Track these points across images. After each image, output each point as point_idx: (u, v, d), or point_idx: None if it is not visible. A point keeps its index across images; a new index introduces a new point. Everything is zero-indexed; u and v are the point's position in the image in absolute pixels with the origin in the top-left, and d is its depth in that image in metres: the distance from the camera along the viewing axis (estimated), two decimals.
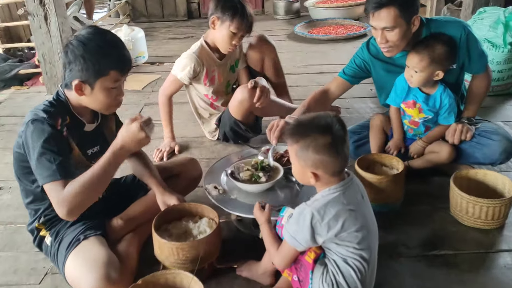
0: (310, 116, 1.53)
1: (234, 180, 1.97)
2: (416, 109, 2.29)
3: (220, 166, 2.18)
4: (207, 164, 2.62)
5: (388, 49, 2.18)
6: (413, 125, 2.34)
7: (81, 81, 1.66)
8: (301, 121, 1.54)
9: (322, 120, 1.49)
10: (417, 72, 2.15)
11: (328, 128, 1.46)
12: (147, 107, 3.56)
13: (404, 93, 2.28)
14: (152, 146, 2.82)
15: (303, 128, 1.50)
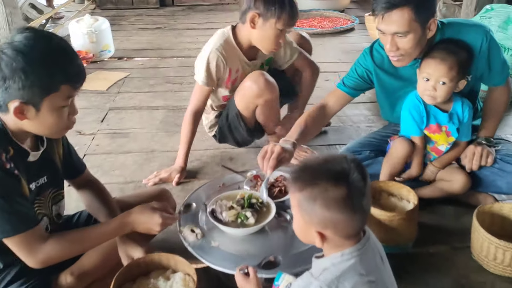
0: (321, 159, 1.16)
1: (216, 221, 1.59)
2: (443, 133, 1.94)
3: (198, 197, 1.80)
4: (182, 188, 2.23)
5: (398, 58, 1.83)
6: (435, 152, 2.00)
7: (22, 102, 1.27)
8: (308, 164, 1.17)
9: (336, 164, 1.12)
10: (445, 83, 1.80)
11: (343, 176, 1.09)
12: (113, 112, 3.11)
13: (423, 117, 1.93)
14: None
15: (311, 173, 1.13)
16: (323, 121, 2.09)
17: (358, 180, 1.09)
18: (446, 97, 1.84)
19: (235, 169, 2.36)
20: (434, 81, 1.81)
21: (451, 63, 1.77)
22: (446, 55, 1.79)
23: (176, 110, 3.10)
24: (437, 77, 1.80)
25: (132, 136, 2.77)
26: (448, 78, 1.79)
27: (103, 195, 1.64)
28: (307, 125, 1.95)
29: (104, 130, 2.85)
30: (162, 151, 2.59)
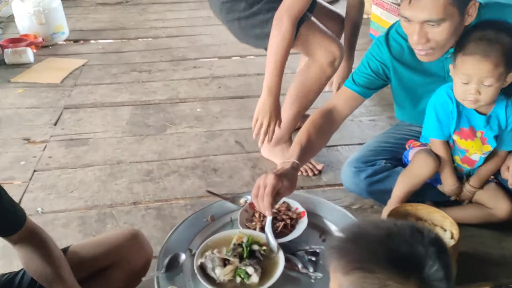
0: (382, 228, 0.75)
1: (207, 283, 1.19)
2: (477, 140, 1.56)
3: (180, 240, 1.38)
4: (158, 215, 1.80)
5: (427, 51, 1.43)
6: (467, 164, 1.63)
7: None
8: (362, 234, 0.76)
9: (405, 244, 0.72)
10: (490, 85, 1.41)
11: (415, 267, 0.70)
12: (68, 112, 2.60)
13: (453, 119, 1.55)
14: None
15: (365, 251, 0.73)
16: (330, 129, 1.67)
17: (438, 277, 0.70)
18: (492, 99, 1.47)
19: (223, 184, 1.95)
20: (476, 83, 1.42)
21: (496, 58, 1.38)
22: (488, 48, 1.39)
23: (145, 107, 2.63)
24: (480, 78, 1.40)
25: (92, 143, 2.30)
26: (495, 77, 1.40)
27: (46, 251, 1.18)
28: (310, 138, 1.53)
29: (58, 136, 2.36)
30: (131, 163, 2.13)
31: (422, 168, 1.58)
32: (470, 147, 1.59)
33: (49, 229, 1.71)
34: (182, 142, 2.27)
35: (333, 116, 1.65)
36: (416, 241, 0.71)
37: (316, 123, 1.59)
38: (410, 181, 1.61)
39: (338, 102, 1.66)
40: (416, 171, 1.60)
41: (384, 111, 2.57)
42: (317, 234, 1.42)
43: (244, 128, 2.39)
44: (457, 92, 1.48)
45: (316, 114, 1.63)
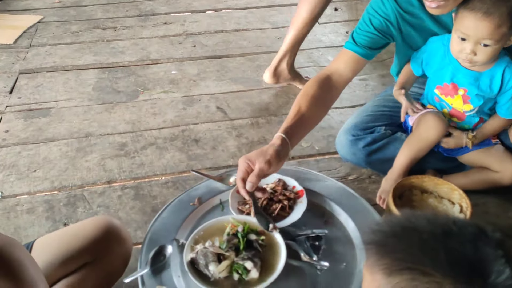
0: (438, 225, 0.61)
1: (200, 282, 1.04)
2: (459, 97, 1.45)
3: (165, 228, 1.21)
4: (136, 195, 1.61)
5: (439, 3, 1.26)
6: (456, 117, 1.51)
7: None
8: (410, 230, 0.62)
9: (468, 243, 0.58)
10: (489, 45, 1.28)
11: (480, 272, 0.56)
12: (25, 77, 2.30)
13: (440, 69, 1.44)
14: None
15: (416, 250, 0.59)
16: (328, 97, 1.47)
17: (507, 285, 0.56)
18: (488, 61, 1.34)
19: (206, 157, 1.77)
20: (473, 43, 1.29)
21: (500, 18, 1.23)
22: (492, 6, 1.23)
23: (113, 70, 2.36)
24: (478, 38, 1.28)
25: (55, 113, 2.04)
26: (494, 39, 1.27)
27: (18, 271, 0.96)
28: (300, 109, 1.34)
29: (15, 106, 2.09)
30: (102, 135, 1.90)
31: (431, 131, 1.45)
32: (452, 103, 1.48)
33: (11, 216, 1.52)
34: (157, 110, 2.05)
35: (331, 82, 1.46)
36: (481, 242, 0.58)
37: (308, 92, 1.40)
38: (417, 147, 1.48)
39: (339, 66, 1.48)
40: (425, 134, 1.47)
41: (374, 69, 2.39)
42: (318, 215, 1.29)
43: (225, 92, 2.18)
44: (452, 47, 1.36)
45: (309, 83, 1.43)
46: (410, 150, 1.51)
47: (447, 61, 1.44)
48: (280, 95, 2.19)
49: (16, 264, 0.89)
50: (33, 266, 0.91)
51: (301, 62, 2.45)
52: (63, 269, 1.03)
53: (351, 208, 1.28)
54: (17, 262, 0.89)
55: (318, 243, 1.19)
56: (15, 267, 0.88)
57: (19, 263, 0.90)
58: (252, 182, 1.13)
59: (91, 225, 1.14)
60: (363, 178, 1.68)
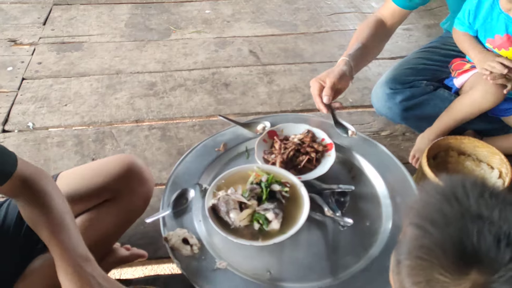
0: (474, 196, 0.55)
1: (220, 228, 1.03)
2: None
3: (187, 172, 1.21)
4: (163, 136, 1.60)
5: None
6: None
7: None
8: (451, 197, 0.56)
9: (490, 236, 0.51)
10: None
11: (479, 266, 0.50)
12: (59, 9, 2.28)
13: (489, 20, 1.32)
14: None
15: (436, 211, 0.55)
16: (384, 37, 1.49)
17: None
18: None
19: (235, 102, 1.72)
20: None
21: None
22: None
23: (146, 6, 2.29)
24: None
25: (87, 48, 2.02)
26: None
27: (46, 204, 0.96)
28: (360, 38, 1.37)
29: (48, 38, 2.08)
30: (132, 73, 1.88)
31: (488, 99, 1.36)
32: (506, 56, 1.35)
33: (42, 148, 1.55)
34: (188, 50, 2.00)
35: (385, 28, 1.42)
36: (508, 242, 0.51)
37: (365, 27, 1.41)
38: (469, 110, 1.39)
39: (387, 16, 1.41)
40: (480, 100, 1.37)
41: (420, 18, 2.23)
42: (346, 170, 1.24)
43: (259, 35, 2.09)
44: (503, 5, 1.23)
45: (369, 20, 1.44)
46: (459, 112, 1.42)
47: (496, 12, 1.30)
48: (316, 42, 2.08)
49: (43, 194, 0.91)
50: (60, 197, 0.93)
51: (340, 8, 2.31)
52: (84, 204, 1.04)
53: (381, 165, 1.23)
54: (45, 192, 0.91)
55: (344, 198, 1.15)
56: (43, 197, 0.90)
57: (46, 193, 0.91)
58: (328, 95, 1.22)
59: (114, 163, 1.13)
60: (397, 135, 1.61)
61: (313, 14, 2.28)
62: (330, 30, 2.16)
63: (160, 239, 1.05)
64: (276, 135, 1.28)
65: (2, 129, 1.61)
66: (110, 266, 1.15)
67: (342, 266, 1.01)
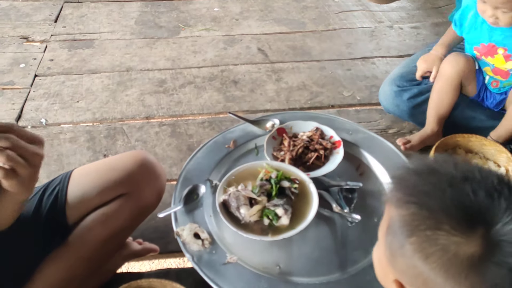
0: (461, 171, 0.59)
1: (231, 223, 1.06)
2: (499, 56, 1.37)
3: (199, 169, 1.23)
4: (173, 132, 1.63)
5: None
6: (500, 75, 1.42)
7: None
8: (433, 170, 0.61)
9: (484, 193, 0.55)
10: (506, 11, 1.22)
11: (487, 219, 0.54)
12: (70, 6, 2.31)
13: (473, 29, 1.36)
14: None
15: (430, 187, 0.59)
16: None
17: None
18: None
19: (243, 99, 1.74)
20: (491, 7, 1.22)
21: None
22: None
23: (155, 4, 2.32)
24: (494, 4, 1.21)
25: (98, 45, 2.05)
26: (509, 7, 1.20)
27: None
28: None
29: (59, 36, 2.11)
30: (142, 70, 1.91)
31: (451, 66, 1.42)
32: (493, 63, 1.38)
33: (55, 143, 1.58)
34: (197, 48, 2.02)
35: None
36: (499, 193, 0.55)
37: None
38: (439, 87, 1.45)
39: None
40: (445, 70, 1.43)
41: (428, 16, 2.24)
42: (354, 167, 1.26)
43: (267, 33, 2.11)
44: (478, 6, 1.25)
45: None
46: (434, 93, 1.47)
47: (479, 20, 1.34)
48: (324, 40, 2.09)
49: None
50: None
51: (348, 6, 2.32)
52: (99, 198, 1.07)
53: (388, 163, 1.24)
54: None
55: (352, 195, 1.18)
56: None
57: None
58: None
59: (128, 158, 1.15)
60: (404, 132, 1.62)
61: (321, 12, 2.29)
62: (338, 28, 2.17)
63: (171, 233, 1.08)
64: (285, 132, 1.30)
65: None
66: (123, 259, 1.18)
67: (350, 261, 1.03)
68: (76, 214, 1.06)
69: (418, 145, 1.49)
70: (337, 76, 1.87)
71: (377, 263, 0.71)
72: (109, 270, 1.16)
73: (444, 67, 1.44)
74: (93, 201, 1.07)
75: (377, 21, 2.22)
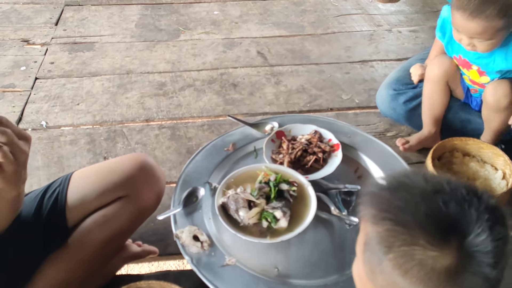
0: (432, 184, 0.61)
1: (230, 226, 1.07)
2: (473, 71, 1.40)
3: (198, 171, 1.24)
4: (173, 135, 1.64)
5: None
6: (477, 85, 1.44)
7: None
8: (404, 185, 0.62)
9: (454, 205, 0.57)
10: (483, 41, 1.25)
11: (459, 230, 0.56)
12: (70, 9, 2.32)
13: (450, 40, 1.40)
14: None
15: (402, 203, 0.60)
16: None
17: (484, 249, 0.55)
18: (493, 49, 1.27)
19: (243, 102, 1.75)
20: (467, 37, 1.25)
21: (486, 19, 1.18)
22: (478, 7, 1.17)
23: (155, 7, 2.33)
24: (469, 35, 1.24)
25: (99, 48, 2.06)
26: (485, 37, 1.22)
27: None
28: None
29: (60, 39, 2.12)
30: (142, 73, 1.92)
31: (437, 67, 1.45)
32: (468, 75, 1.41)
33: (55, 146, 1.59)
34: (197, 51, 2.03)
35: None
36: (469, 204, 0.57)
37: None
38: (428, 90, 1.48)
39: None
40: (431, 73, 1.47)
41: (427, 20, 2.25)
42: (352, 170, 1.27)
43: (266, 37, 2.12)
44: (454, 35, 1.31)
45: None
46: (425, 97, 1.50)
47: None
48: (323, 43, 2.11)
49: None
50: None
51: (347, 9, 2.34)
52: (99, 200, 1.08)
53: (386, 166, 1.25)
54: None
55: (350, 198, 1.19)
56: None
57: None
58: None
59: (128, 161, 1.16)
60: (403, 135, 1.63)
61: (320, 15, 2.30)
62: (336, 31, 2.18)
63: (170, 236, 1.09)
64: (284, 135, 1.32)
65: None
66: (122, 261, 1.19)
67: (348, 263, 1.04)
68: (76, 216, 1.07)
69: (416, 145, 1.51)
70: (336, 80, 1.88)
71: (358, 280, 0.71)
72: (108, 272, 1.17)
73: (430, 69, 1.48)
74: (93, 203, 1.07)
75: (376, 25, 2.23)
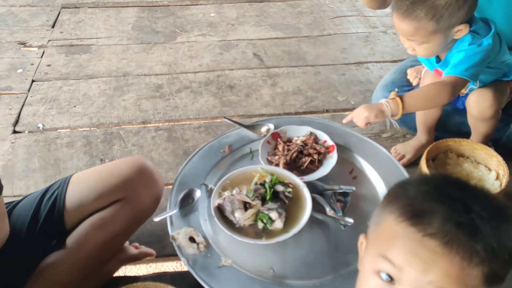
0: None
1: (225, 227, 1.07)
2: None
3: (194, 172, 1.25)
4: (169, 136, 1.64)
5: None
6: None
7: None
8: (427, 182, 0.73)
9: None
10: (420, 44, 1.24)
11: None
12: (67, 12, 2.32)
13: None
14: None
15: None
16: None
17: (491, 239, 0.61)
18: (433, 54, 1.28)
19: (239, 104, 1.76)
20: (406, 40, 1.25)
21: (416, 20, 1.17)
22: (409, 7, 1.17)
23: (152, 9, 2.34)
24: (405, 36, 1.24)
25: (95, 50, 2.07)
26: (418, 40, 1.21)
27: None
28: None
29: (57, 41, 2.13)
30: (139, 75, 1.93)
31: (430, 79, 1.43)
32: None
33: (52, 148, 1.59)
34: (194, 53, 2.04)
35: None
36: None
37: None
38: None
39: None
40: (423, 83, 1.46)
41: None
42: (347, 171, 1.28)
43: (263, 39, 2.13)
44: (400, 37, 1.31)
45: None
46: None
47: None
48: (319, 45, 2.12)
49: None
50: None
51: (343, 11, 2.35)
52: (97, 203, 1.08)
53: (381, 167, 1.26)
54: None
55: (345, 199, 1.19)
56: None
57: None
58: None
59: (126, 164, 1.16)
60: (397, 137, 1.64)
61: (316, 17, 2.31)
62: (332, 33, 2.20)
63: (167, 237, 1.09)
64: (280, 137, 1.32)
65: (13, 130, 1.66)
66: (120, 263, 1.19)
67: (343, 264, 1.05)
68: (73, 218, 1.08)
69: (414, 157, 1.52)
70: (332, 81, 1.89)
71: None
72: (106, 274, 1.17)
73: (423, 81, 1.48)
74: (91, 206, 1.08)
75: (371, 27, 2.24)
